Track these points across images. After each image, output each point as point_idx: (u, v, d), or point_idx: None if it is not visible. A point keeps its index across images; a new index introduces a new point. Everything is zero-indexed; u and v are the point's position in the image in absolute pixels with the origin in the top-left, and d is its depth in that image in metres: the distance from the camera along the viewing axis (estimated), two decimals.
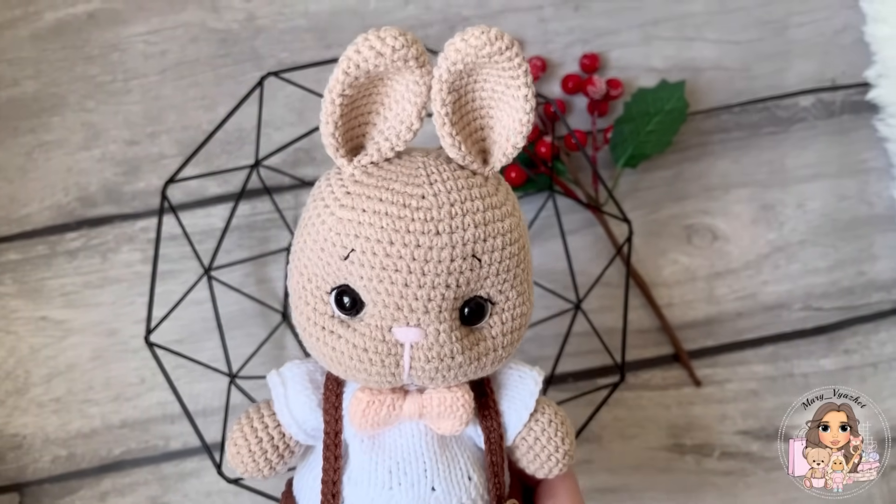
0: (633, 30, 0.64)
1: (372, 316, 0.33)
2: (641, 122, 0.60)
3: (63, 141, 0.61)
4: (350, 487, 0.35)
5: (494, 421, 0.36)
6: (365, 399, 0.34)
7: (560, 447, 0.37)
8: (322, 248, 0.33)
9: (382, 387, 0.34)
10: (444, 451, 0.35)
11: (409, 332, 0.32)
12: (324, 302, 0.33)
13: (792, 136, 0.64)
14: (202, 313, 0.59)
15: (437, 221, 0.32)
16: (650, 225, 0.62)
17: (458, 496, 0.34)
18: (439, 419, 0.34)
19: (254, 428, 0.37)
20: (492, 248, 0.33)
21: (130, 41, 0.62)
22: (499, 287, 0.33)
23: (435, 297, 0.32)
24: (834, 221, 0.63)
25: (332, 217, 0.33)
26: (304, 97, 0.59)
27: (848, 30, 0.65)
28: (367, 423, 0.34)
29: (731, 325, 0.62)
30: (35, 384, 0.59)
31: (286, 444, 0.37)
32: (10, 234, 0.60)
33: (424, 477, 0.34)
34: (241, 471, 0.37)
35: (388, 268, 0.31)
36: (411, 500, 0.34)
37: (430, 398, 0.34)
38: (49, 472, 0.59)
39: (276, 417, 0.37)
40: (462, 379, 0.34)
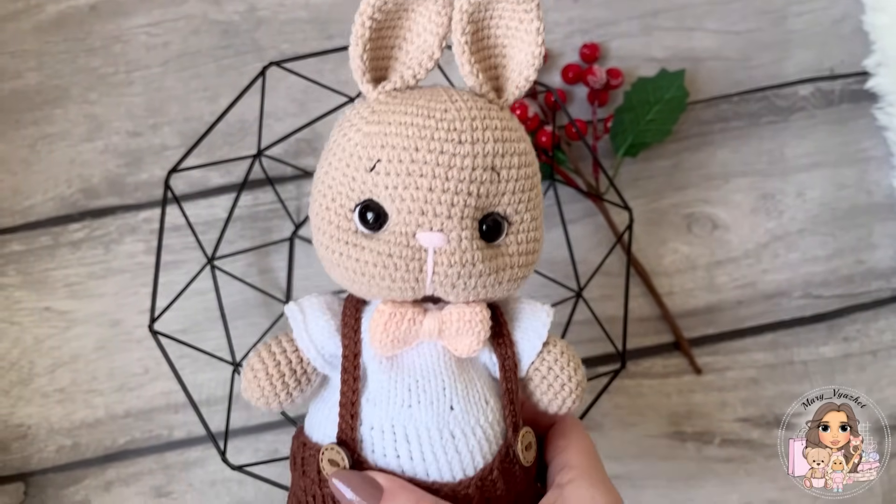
0: (633, 20, 0.64)
1: (396, 224, 0.34)
2: (641, 111, 0.60)
3: (66, 133, 0.61)
4: (369, 408, 0.35)
5: (509, 349, 0.37)
6: (387, 311, 0.34)
7: (573, 376, 0.38)
8: (348, 164, 0.35)
9: (405, 297, 0.34)
10: (462, 373, 0.36)
11: (433, 236, 0.33)
12: (347, 219, 0.35)
13: (791, 125, 0.64)
14: (205, 303, 0.59)
15: (460, 132, 0.33)
16: (650, 214, 0.63)
17: (476, 416, 0.35)
18: (458, 336, 0.35)
19: (272, 353, 0.37)
20: (509, 165, 0.34)
21: (132, 33, 0.62)
22: (515, 206, 0.35)
23: (458, 203, 0.33)
24: (833, 210, 0.64)
25: (359, 133, 0.35)
26: (305, 88, 0.60)
27: (847, 19, 0.65)
28: (387, 338, 0.34)
29: (732, 313, 0.62)
30: (39, 374, 0.59)
31: (304, 369, 0.37)
32: (14, 225, 0.60)
33: (443, 395, 0.35)
34: (258, 397, 0.36)
35: (413, 173, 0.33)
36: (431, 418, 0.34)
37: (450, 314, 0.35)
38: (54, 461, 0.59)
39: (294, 343, 0.37)
40: (481, 292, 0.35)
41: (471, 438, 0.35)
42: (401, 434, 0.34)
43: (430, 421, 0.34)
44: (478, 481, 0.34)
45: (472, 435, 0.35)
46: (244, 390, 0.37)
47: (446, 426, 0.34)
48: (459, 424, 0.35)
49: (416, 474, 0.34)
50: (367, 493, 0.33)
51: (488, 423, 0.35)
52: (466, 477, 0.35)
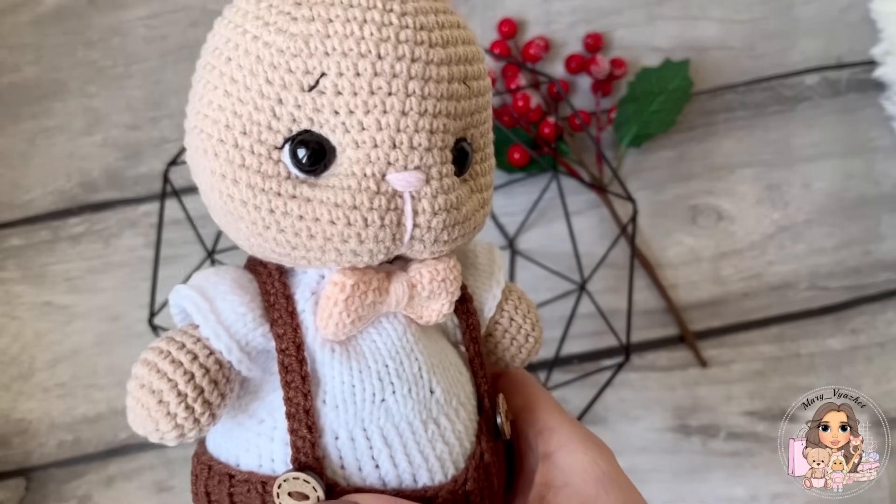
0: (637, 9, 0.63)
1: (356, 163, 0.25)
2: (645, 101, 0.60)
3: (65, 126, 0.61)
4: (328, 413, 0.26)
5: (469, 304, 0.30)
6: (348, 283, 0.26)
7: (536, 324, 0.32)
8: (268, 80, 0.25)
9: (375, 260, 0.26)
10: (430, 343, 0.28)
11: (410, 176, 0.25)
12: (273, 160, 0.25)
13: (797, 115, 0.63)
14: None
15: (429, 30, 0.25)
16: (655, 205, 0.62)
17: (457, 394, 0.28)
18: (429, 300, 0.27)
19: (177, 362, 0.26)
20: (475, 75, 0.27)
21: (131, 25, 0.62)
22: (480, 128, 0.28)
23: (437, 129, 0.25)
24: (840, 201, 0.63)
25: (283, 35, 0.25)
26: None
27: (854, 7, 0.64)
28: (348, 317, 0.26)
29: (737, 305, 0.62)
30: (40, 369, 0.59)
31: (225, 376, 0.27)
32: (13, 219, 0.60)
33: (421, 377, 0.27)
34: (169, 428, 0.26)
35: (379, 90, 0.24)
36: (411, 409, 0.27)
37: (420, 273, 0.27)
38: (55, 456, 0.59)
39: (204, 343, 0.27)
40: (458, 240, 0.27)
41: (456, 423, 0.28)
42: (377, 437, 0.27)
43: (412, 413, 0.27)
44: (472, 472, 0.28)
45: (457, 417, 0.28)
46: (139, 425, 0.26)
47: (430, 415, 0.27)
48: (442, 409, 0.28)
49: (401, 483, 0.27)
50: None
51: (467, 398, 0.29)
52: (458, 470, 0.28)
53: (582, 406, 0.58)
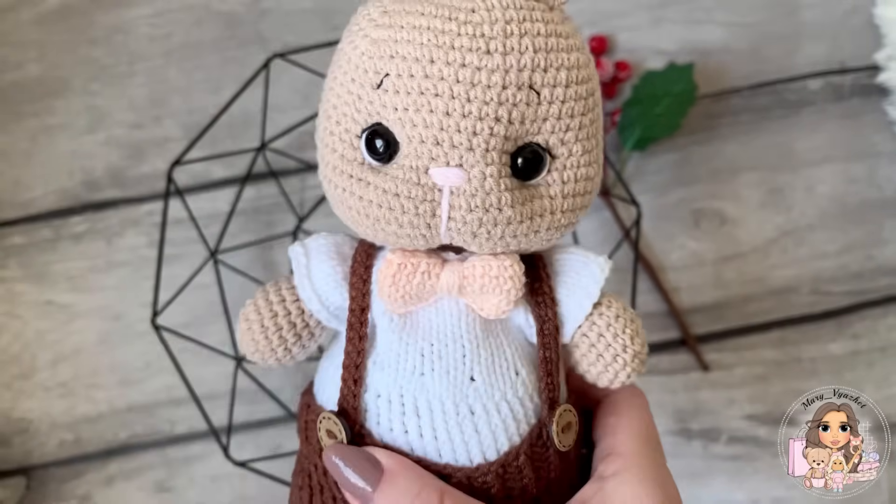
0: (642, 12, 0.63)
1: (407, 156, 0.28)
2: (650, 104, 0.60)
3: (67, 124, 0.61)
4: (375, 373, 0.30)
5: (550, 309, 0.31)
6: (396, 262, 0.29)
7: (629, 346, 0.31)
8: (353, 78, 0.29)
9: (416, 245, 0.29)
10: (489, 337, 0.30)
11: (449, 172, 0.27)
12: (353, 147, 0.29)
13: (801, 119, 0.63)
14: (208, 297, 0.58)
15: (489, 39, 0.27)
16: (658, 209, 0.62)
17: (502, 390, 0.29)
18: (482, 295, 0.29)
19: (269, 301, 0.32)
20: (553, 82, 0.28)
21: (135, 23, 0.62)
22: (560, 135, 0.28)
23: (481, 131, 0.27)
24: (843, 205, 0.63)
25: (366, 40, 0.28)
26: (309, 80, 0.59)
27: (858, 12, 0.64)
28: (397, 292, 0.29)
29: (739, 309, 0.62)
30: (41, 368, 0.59)
31: (305, 322, 0.32)
32: (15, 217, 0.60)
33: (462, 363, 0.29)
34: (252, 351, 0.32)
35: (427, 91, 0.27)
36: (445, 389, 0.29)
37: (473, 267, 0.29)
38: (56, 455, 0.59)
39: (295, 291, 0.32)
40: (511, 243, 0.29)
41: (494, 416, 0.29)
42: (410, 405, 0.29)
43: (445, 393, 0.29)
44: (499, 468, 0.29)
45: (497, 412, 0.29)
46: (238, 342, 0.33)
47: (464, 400, 0.29)
48: (481, 399, 0.29)
49: (426, 454, 0.29)
50: (365, 473, 0.28)
51: (517, 398, 0.30)
52: (486, 462, 0.29)
53: None
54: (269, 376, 0.59)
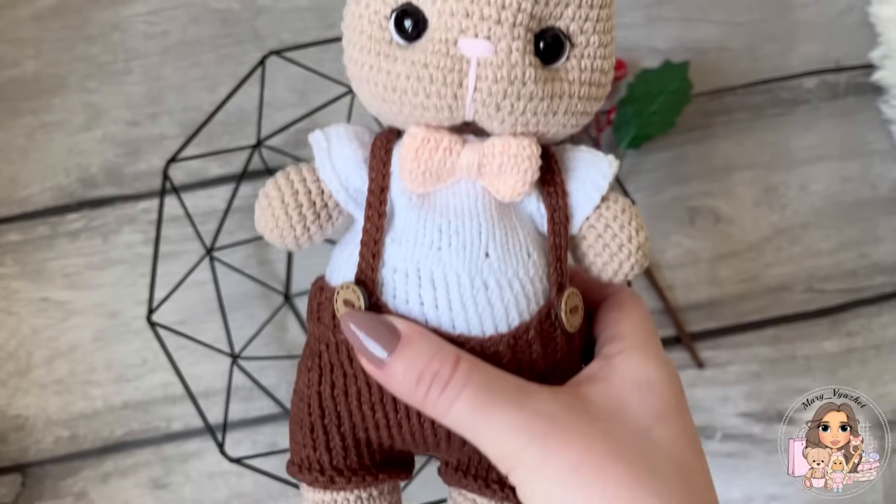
0: (637, 10, 0.63)
1: (436, 29, 0.29)
2: (645, 102, 0.60)
3: (64, 122, 0.61)
4: (393, 248, 0.31)
5: (561, 199, 0.32)
6: (420, 135, 0.30)
7: (633, 237, 0.32)
8: None
9: (441, 119, 0.30)
10: (503, 219, 0.31)
11: (478, 44, 0.28)
12: (381, 28, 0.30)
13: (796, 117, 0.64)
14: (204, 294, 0.58)
15: None
16: (653, 207, 0.62)
17: (515, 268, 0.30)
18: (500, 174, 0.30)
19: (290, 180, 0.33)
20: None
21: (131, 21, 0.62)
22: (580, 23, 0.30)
23: (510, 5, 0.28)
24: (837, 204, 0.63)
25: None
26: (305, 78, 0.59)
27: (853, 11, 0.64)
28: (419, 167, 0.30)
29: (734, 307, 0.62)
30: (37, 365, 0.59)
31: (324, 202, 0.33)
32: (11, 214, 0.60)
33: (478, 239, 0.30)
34: (271, 227, 0.33)
35: None
36: (461, 263, 0.30)
37: (493, 145, 0.30)
38: (51, 452, 0.59)
39: (315, 172, 0.33)
40: (531, 120, 0.30)
41: (506, 291, 0.30)
42: (426, 278, 0.30)
43: (461, 266, 0.30)
44: (510, 339, 0.30)
45: (509, 287, 0.30)
46: (257, 220, 0.33)
47: (479, 274, 0.30)
48: (494, 274, 0.30)
49: (440, 324, 0.30)
50: (383, 339, 0.28)
51: (528, 277, 0.31)
52: (497, 333, 0.30)
53: None
54: (264, 374, 0.59)
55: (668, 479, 0.27)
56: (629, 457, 0.27)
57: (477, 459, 0.34)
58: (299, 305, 0.60)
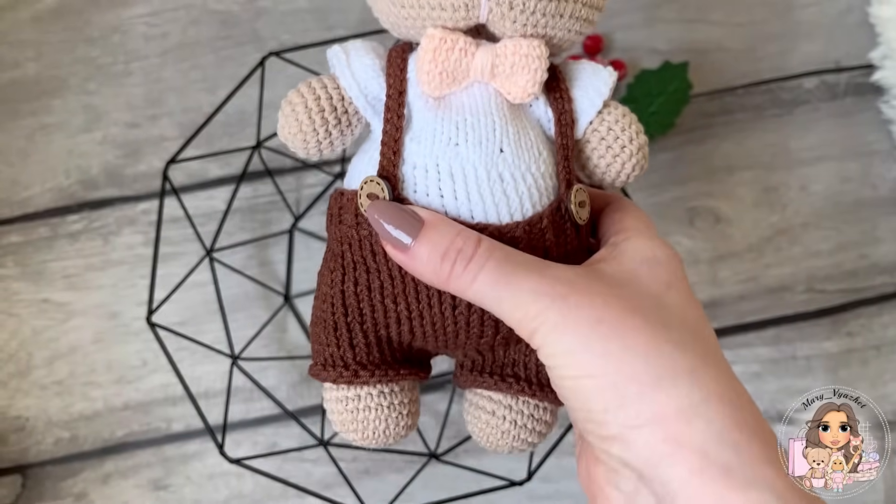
0: (637, 11, 0.63)
1: None
2: (644, 103, 0.60)
3: (64, 123, 0.61)
4: (412, 146, 0.33)
5: (566, 104, 0.34)
6: (437, 36, 0.32)
7: (634, 139, 0.35)
8: None
9: (456, 21, 0.32)
10: (515, 119, 0.33)
11: None
12: None
13: (796, 118, 0.64)
14: (204, 295, 0.59)
15: None
16: (652, 207, 0.62)
17: (528, 163, 0.33)
18: (512, 75, 0.32)
19: (312, 88, 0.35)
20: None
21: (131, 23, 0.62)
22: None
23: None
24: (837, 204, 0.63)
25: None
26: (305, 78, 0.59)
27: (853, 11, 0.64)
28: (436, 68, 0.32)
29: (734, 307, 0.62)
30: (37, 366, 0.59)
31: (345, 108, 0.34)
32: (12, 216, 0.60)
33: (493, 135, 0.32)
34: (295, 132, 0.34)
35: None
36: (478, 157, 0.32)
37: (505, 47, 0.32)
38: (52, 453, 0.59)
39: (335, 81, 0.35)
40: (540, 21, 0.32)
41: (520, 184, 0.32)
42: (445, 172, 0.32)
43: (478, 160, 0.32)
44: (526, 226, 0.32)
45: (522, 181, 0.32)
46: (280, 128, 0.35)
47: (494, 167, 0.32)
48: (509, 168, 0.32)
49: (459, 214, 0.32)
50: (407, 225, 0.30)
51: (539, 173, 0.33)
52: (514, 221, 0.32)
53: None
54: (264, 375, 0.59)
55: (682, 332, 0.29)
56: (645, 313, 0.29)
57: (491, 358, 0.36)
58: (299, 306, 0.60)
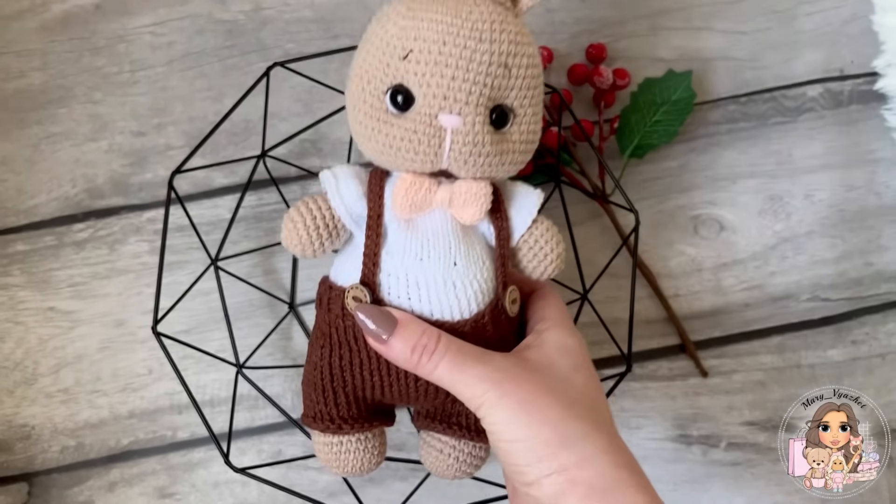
0: (640, 20, 0.63)
1: (422, 106, 0.39)
2: (648, 112, 0.60)
3: (70, 132, 0.61)
4: (387, 259, 0.41)
5: (504, 222, 0.43)
6: (408, 179, 0.40)
7: (555, 248, 0.44)
8: (383, 52, 0.40)
9: (424, 169, 0.40)
10: (465, 237, 0.42)
11: (452, 118, 0.39)
12: (379, 100, 0.40)
13: (800, 126, 0.64)
14: (209, 304, 0.59)
15: (482, 32, 0.39)
16: (657, 216, 0.62)
17: (474, 272, 0.41)
18: (465, 206, 0.41)
19: (309, 208, 0.43)
20: (519, 64, 0.40)
21: (137, 32, 0.62)
22: (520, 100, 0.41)
23: (474, 92, 0.39)
24: (842, 212, 0.63)
25: (395, 26, 0.40)
26: (310, 88, 0.59)
27: (856, 19, 0.64)
28: (407, 202, 0.40)
29: (738, 315, 0.62)
30: (43, 375, 0.59)
31: (334, 224, 0.43)
32: (18, 225, 0.60)
33: (449, 252, 0.41)
34: (296, 243, 0.43)
35: (440, 63, 0.38)
36: (437, 270, 0.40)
37: (459, 186, 0.41)
38: (58, 461, 0.59)
39: (326, 201, 0.43)
40: (487, 170, 0.40)
41: (469, 289, 0.41)
42: (412, 281, 0.40)
43: (437, 272, 0.40)
44: (472, 322, 0.41)
45: (470, 286, 0.41)
46: (284, 238, 0.43)
47: (450, 277, 0.40)
48: (461, 277, 0.41)
49: (423, 313, 0.41)
50: (385, 324, 0.39)
51: (483, 279, 0.41)
52: (463, 318, 0.41)
53: None
54: (269, 383, 0.59)
55: (582, 406, 0.39)
56: (557, 394, 0.39)
57: (442, 409, 0.45)
58: (304, 314, 0.60)
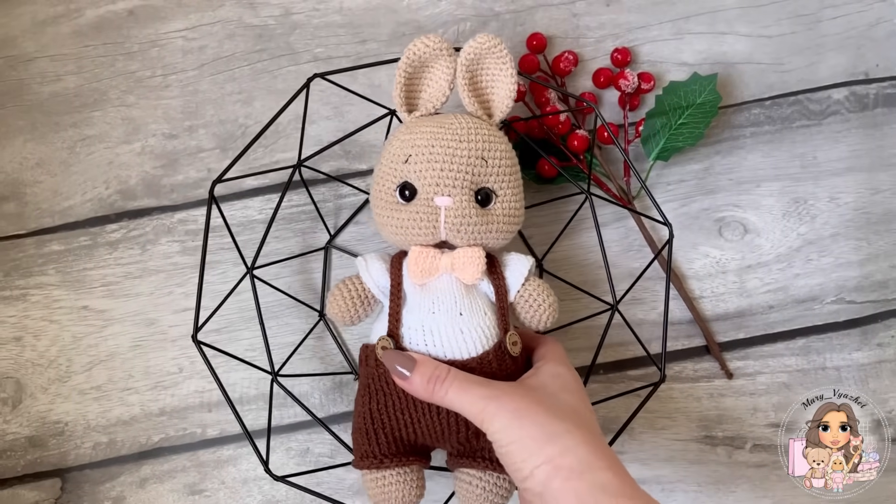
0: (665, 24, 0.64)
1: (422, 194, 0.49)
2: (673, 115, 0.60)
3: (104, 135, 0.63)
4: (407, 315, 0.50)
5: (501, 281, 0.51)
6: (417, 251, 0.50)
7: (546, 300, 0.52)
8: (391, 160, 0.50)
9: (428, 242, 0.50)
10: (469, 294, 0.50)
11: (444, 199, 0.48)
12: (392, 195, 0.50)
13: (824, 129, 0.64)
14: (239, 304, 0.60)
15: (461, 135, 0.49)
16: (681, 218, 0.63)
17: (478, 321, 0.49)
18: (464, 268, 0.49)
19: (347, 286, 0.52)
20: (494, 156, 0.50)
21: (169, 37, 0.63)
22: (500, 184, 0.50)
23: (459, 178, 0.48)
24: (867, 215, 0.63)
25: (398, 140, 0.51)
26: (339, 92, 0.60)
27: (881, 23, 0.64)
28: (418, 268, 0.49)
29: (763, 317, 0.62)
30: (76, 372, 0.61)
31: (366, 295, 0.52)
32: (54, 225, 0.62)
33: (455, 305, 0.49)
34: (338, 314, 0.52)
35: (431, 160, 0.49)
36: (446, 320, 0.49)
37: (458, 253, 0.50)
38: (90, 458, 0.60)
39: (360, 280, 0.52)
40: (477, 238, 0.50)
41: (474, 334, 0.48)
42: (427, 330, 0.48)
43: (446, 322, 0.48)
44: (478, 360, 0.48)
45: (475, 331, 0.49)
46: (329, 309, 0.52)
47: (457, 325, 0.48)
48: (466, 324, 0.48)
49: (436, 355, 0.48)
50: (406, 364, 0.47)
51: (486, 325, 0.49)
52: (471, 357, 0.48)
53: (613, 419, 0.58)
54: (298, 381, 0.60)
55: (566, 414, 0.45)
56: (545, 404, 0.45)
57: (468, 446, 0.51)
58: None
